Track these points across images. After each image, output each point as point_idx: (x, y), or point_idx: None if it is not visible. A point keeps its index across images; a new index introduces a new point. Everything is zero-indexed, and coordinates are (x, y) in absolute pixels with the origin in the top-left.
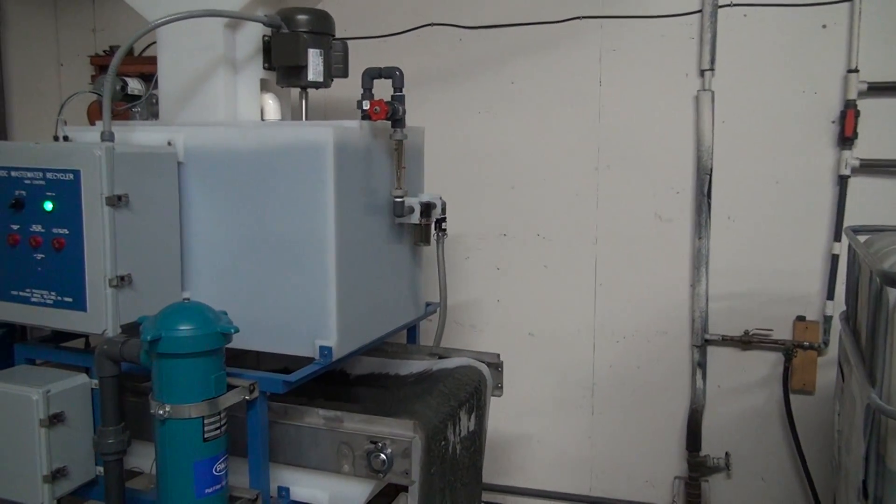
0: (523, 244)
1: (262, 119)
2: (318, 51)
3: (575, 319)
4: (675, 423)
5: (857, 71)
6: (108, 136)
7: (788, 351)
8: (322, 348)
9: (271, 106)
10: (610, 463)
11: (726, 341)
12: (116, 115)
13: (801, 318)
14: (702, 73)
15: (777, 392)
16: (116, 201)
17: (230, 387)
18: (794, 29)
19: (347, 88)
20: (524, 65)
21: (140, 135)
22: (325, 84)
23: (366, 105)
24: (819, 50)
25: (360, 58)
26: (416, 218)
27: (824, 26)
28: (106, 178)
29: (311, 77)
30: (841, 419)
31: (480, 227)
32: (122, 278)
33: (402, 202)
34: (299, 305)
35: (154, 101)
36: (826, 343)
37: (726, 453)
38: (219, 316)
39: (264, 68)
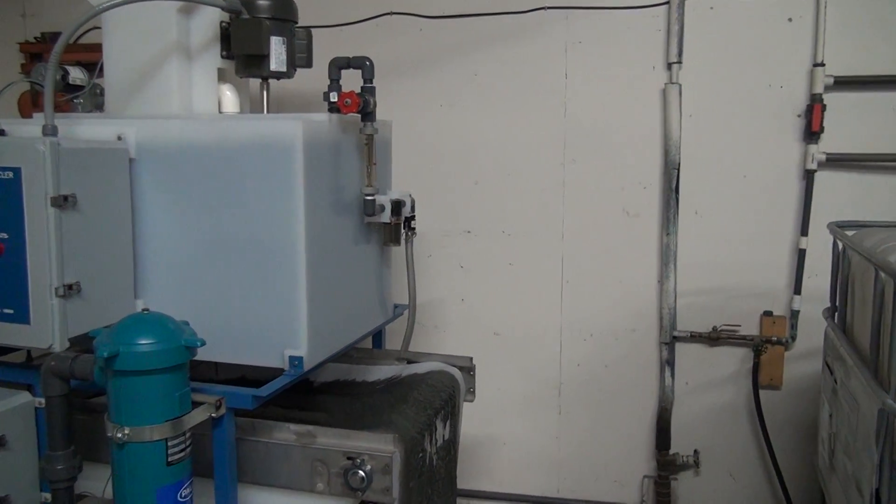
0: (488, 241)
1: (220, 112)
2: (280, 38)
3: (541, 318)
4: (643, 422)
5: (822, 65)
6: (50, 130)
7: (758, 346)
8: (292, 359)
9: (229, 98)
10: (578, 463)
11: (694, 338)
12: (56, 107)
13: (768, 314)
14: (669, 66)
15: (744, 388)
16: (62, 202)
17: (194, 404)
18: (760, 22)
19: (304, 80)
20: (488, 56)
21: (85, 128)
22: (288, 74)
23: (334, 97)
24: (785, 43)
25: (315, 47)
26: (386, 217)
27: (790, 20)
28: (50, 177)
29: (273, 67)
30: (835, 421)
31: (443, 224)
32: (70, 287)
33: (373, 200)
34: (266, 313)
35: (98, 91)
36: (794, 338)
37: (695, 451)
38: (182, 328)
39: (222, 57)
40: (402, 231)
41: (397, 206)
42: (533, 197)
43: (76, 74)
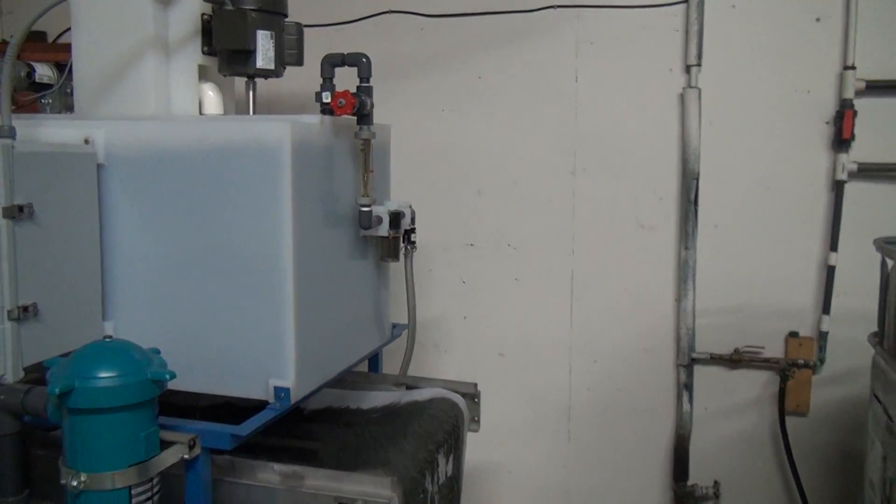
0: (492, 255)
1: (201, 113)
2: (268, 33)
3: (549, 338)
4: (659, 450)
5: (853, 68)
6: (7, 132)
7: (784, 370)
8: (278, 389)
9: (212, 98)
10: (588, 494)
11: (714, 360)
12: (22, 108)
13: (794, 335)
14: (688, 68)
15: (768, 414)
16: (17, 212)
17: (164, 443)
18: (785, 22)
19: (294, 81)
20: (493, 58)
21: (49, 130)
22: (276, 73)
23: (327, 97)
24: (812, 45)
25: (310, 48)
26: (384, 230)
27: (818, 19)
28: (4, 184)
29: (259, 64)
30: (892, 465)
31: (444, 237)
32: (26, 309)
33: (370, 212)
34: (249, 338)
35: (69, 90)
36: (822, 361)
37: (715, 482)
38: (149, 357)
39: (203, 53)
40: (401, 245)
41: (396, 217)
42: (540, 208)
43: (44, 72)
